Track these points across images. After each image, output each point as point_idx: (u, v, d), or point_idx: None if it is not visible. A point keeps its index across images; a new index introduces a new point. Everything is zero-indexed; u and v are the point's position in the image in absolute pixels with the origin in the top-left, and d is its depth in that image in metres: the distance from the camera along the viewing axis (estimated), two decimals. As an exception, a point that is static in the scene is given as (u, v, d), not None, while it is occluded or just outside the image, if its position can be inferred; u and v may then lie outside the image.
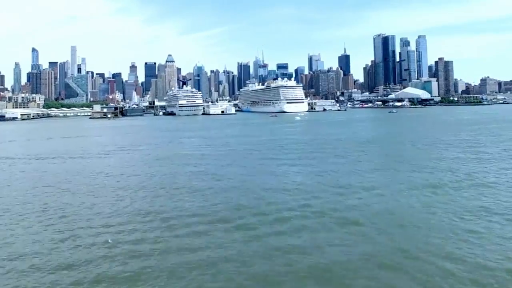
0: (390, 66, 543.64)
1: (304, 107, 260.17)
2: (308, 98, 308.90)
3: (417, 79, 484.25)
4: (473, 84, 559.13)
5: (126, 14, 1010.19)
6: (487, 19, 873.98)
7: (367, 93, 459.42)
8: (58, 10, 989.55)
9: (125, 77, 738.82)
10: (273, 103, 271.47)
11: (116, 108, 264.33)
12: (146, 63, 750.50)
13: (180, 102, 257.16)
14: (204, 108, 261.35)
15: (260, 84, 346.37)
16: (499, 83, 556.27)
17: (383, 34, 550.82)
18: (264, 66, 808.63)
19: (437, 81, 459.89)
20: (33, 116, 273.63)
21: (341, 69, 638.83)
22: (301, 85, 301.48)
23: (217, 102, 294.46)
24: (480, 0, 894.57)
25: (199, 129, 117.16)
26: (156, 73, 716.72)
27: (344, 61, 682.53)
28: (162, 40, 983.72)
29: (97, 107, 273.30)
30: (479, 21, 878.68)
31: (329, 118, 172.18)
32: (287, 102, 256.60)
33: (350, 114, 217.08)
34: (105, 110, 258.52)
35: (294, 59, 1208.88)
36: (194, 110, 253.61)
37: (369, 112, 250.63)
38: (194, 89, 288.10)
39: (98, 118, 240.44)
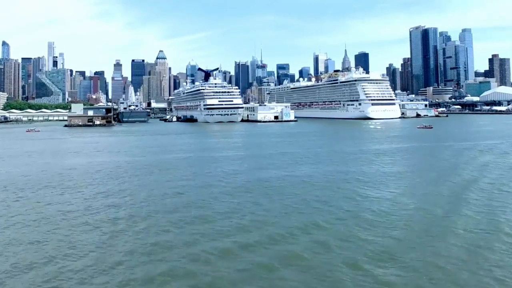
0: (431, 65, 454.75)
1: (396, 111, 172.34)
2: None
3: (466, 79, 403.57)
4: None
5: (108, 18, 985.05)
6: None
7: (413, 95, 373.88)
8: (37, 13, 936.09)
9: (108, 76, 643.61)
10: (344, 105, 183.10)
11: (108, 111, 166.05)
12: (133, 60, 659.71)
13: (209, 102, 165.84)
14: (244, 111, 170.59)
15: (306, 79, 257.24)
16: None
17: (422, 26, 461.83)
18: (263, 66, 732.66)
19: (495, 81, 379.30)
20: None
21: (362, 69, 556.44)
22: (387, 78, 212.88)
23: (265, 102, 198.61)
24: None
25: None
26: (145, 71, 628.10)
27: (362, 59, 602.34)
28: (144, 43, 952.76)
29: (77, 108, 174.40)
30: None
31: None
32: (372, 104, 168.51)
33: (481, 124, 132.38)
34: (90, 113, 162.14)
35: (289, 63, 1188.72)
36: (231, 114, 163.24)
37: (501, 121, 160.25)
38: (225, 83, 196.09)
39: (80, 125, 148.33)
